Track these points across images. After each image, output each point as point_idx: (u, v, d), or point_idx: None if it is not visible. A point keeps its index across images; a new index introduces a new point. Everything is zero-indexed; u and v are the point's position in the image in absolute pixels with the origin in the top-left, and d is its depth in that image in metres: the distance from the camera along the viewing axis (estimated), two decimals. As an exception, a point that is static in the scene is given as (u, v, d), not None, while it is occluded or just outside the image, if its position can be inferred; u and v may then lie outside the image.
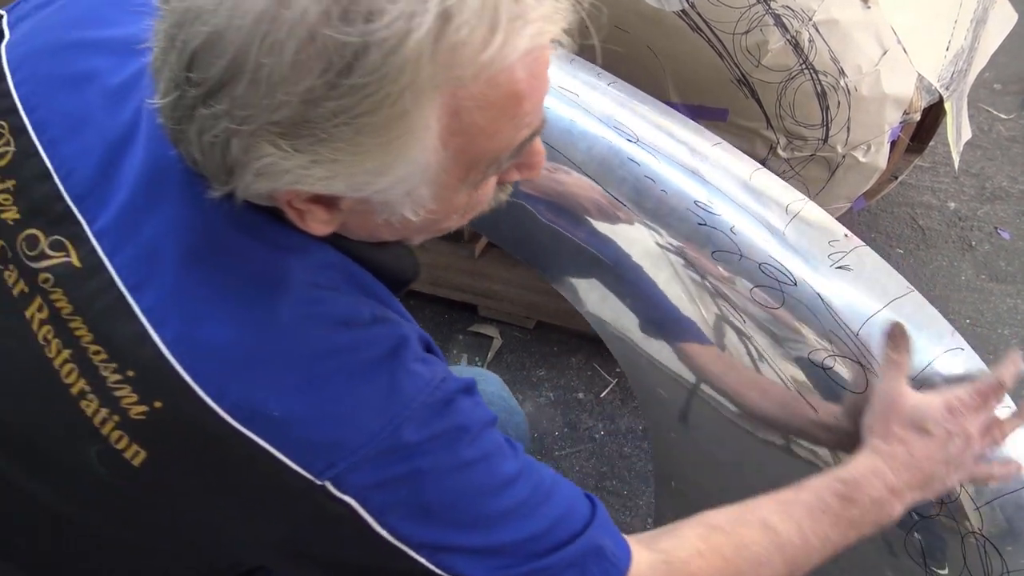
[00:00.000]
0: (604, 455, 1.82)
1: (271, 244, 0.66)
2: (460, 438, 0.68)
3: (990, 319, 2.16)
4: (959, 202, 2.52)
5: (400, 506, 0.66)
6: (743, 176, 1.04)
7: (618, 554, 0.74)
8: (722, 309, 1.00)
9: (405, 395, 0.66)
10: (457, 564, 0.68)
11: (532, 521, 0.70)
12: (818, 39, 1.24)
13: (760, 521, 0.81)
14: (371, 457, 0.64)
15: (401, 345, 0.67)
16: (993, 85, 3.00)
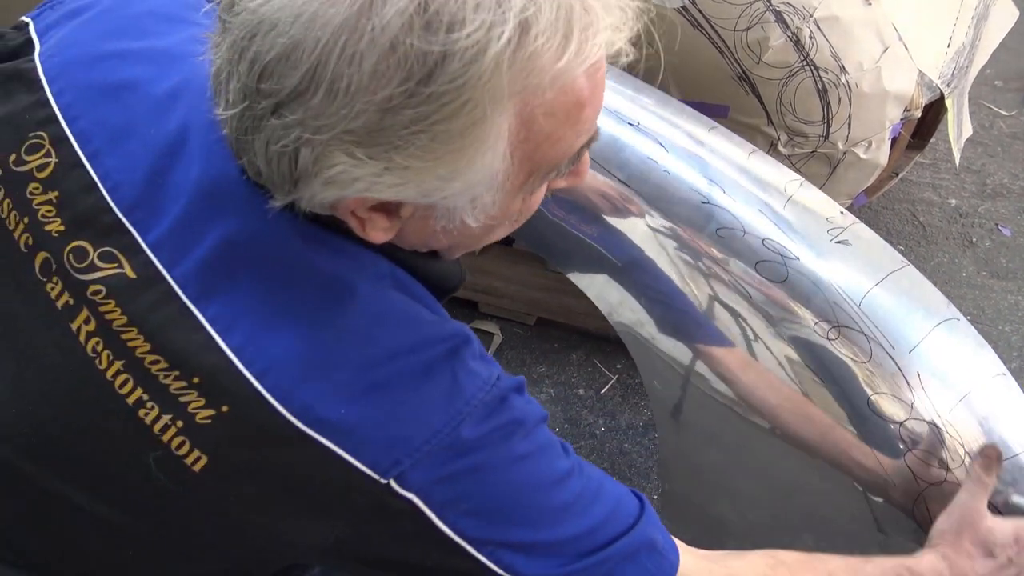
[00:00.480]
0: (604, 451, 1.82)
1: (332, 254, 0.67)
2: (515, 432, 0.68)
3: (991, 315, 2.16)
4: (960, 199, 2.52)
5: (461, 501, 0.66)
6: (740, 158, 1.06)
7: (668, 548, 0.75)
8: (715, 290, 1.01)
9: (466, 392, 0.66)
10: (516, 562, 0.68)
11: (586, 517, 0.71)
12: (819, 36, 1.24)
13: (826, 572, 0.82)
14: (433, 453, 0.65)
15: (462, 344, 0.68)
16: (994, 82, 2.99)
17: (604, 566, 0.71)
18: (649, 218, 1.03)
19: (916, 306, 0.98)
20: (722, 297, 1.02)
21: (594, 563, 0.70)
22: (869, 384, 0.95)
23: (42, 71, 0.72)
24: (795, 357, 0.99)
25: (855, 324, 0.95)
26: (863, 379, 0.95)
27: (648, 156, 1.04)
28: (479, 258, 1.95)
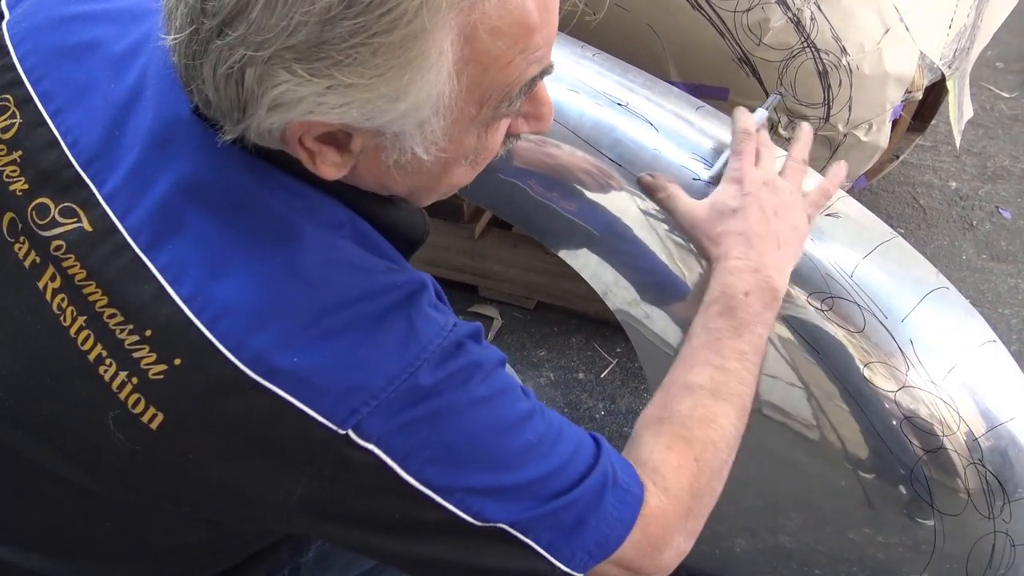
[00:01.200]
0: (605, 435, 1.81)
1: (284, 196, 0.66)
2: (474, 375, 0.68)
3: (991, 298, 2.16)
4: (960, 181, 2.51)
5: (423, 449, 0.66)
6: (727, 137, 1.06)
7: (630, 481, 0.76)
8: (706, 270, 1.01)
9: (422, 339, 0.66)
10: (485, 508, 0.68)
11: (551, 458, 0.71)
12: (820, 17, 1.23)
13: (684, 388, 0.84)
14: (391, 401, 0.64)
15: (418, 290, 0.68)
16: (995, 63, 2.98)
17: (573, 508, 0.71)
18: (639, 200, 1.03)
19: (906, 276, 0.99)
20: None
21: (563, 505, 0.71)
22: (862, 357, 0.96)
23: (8, 37, 0.73)
24: (787, 336, 0.99)
25: (848, 295, 0.96)
26: (856, 353, 0.96)
27: (638, 136, 1.05)
28: (479, 242, 1.95)
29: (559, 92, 1.07)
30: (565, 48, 1.14)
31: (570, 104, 1.06)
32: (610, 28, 1.27)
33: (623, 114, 1.07)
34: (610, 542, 0.74)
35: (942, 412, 0.94)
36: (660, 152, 1.04)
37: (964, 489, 0.95)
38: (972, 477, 0.94)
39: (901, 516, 1.00)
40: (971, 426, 0.94)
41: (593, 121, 1.06)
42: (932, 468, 0.95)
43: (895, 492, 0.98)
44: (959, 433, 0.94)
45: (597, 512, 0.73)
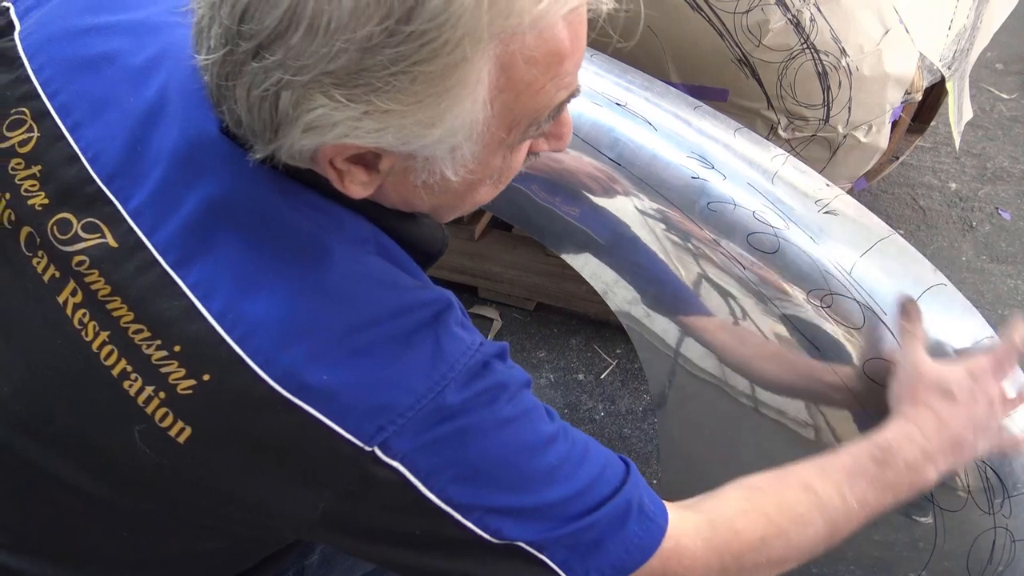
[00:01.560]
0: (604, 436, 1.82)
1: (311, 213, 0.67)
2: (500, 396, 0.68)
3: (990, 299, 2.16)
4: (960, 182, 2.51)
5: (446, 468, 0.66)
6: (726, 136, 1.07)
7: (656, 511, 0.74)
8: (704, 269, 1.01)
9: (449, 358, 0.66)
10: (504, 527, 0.68)
11: (574, 480, 0.71)
12: (819, 18, 1.23)
13: (800, 483, 0.82)
14: (418, 420, 0.64)
15: (445, 309, 0.68)
16: (995, 65, 2.98)
17: (593, 530, 0.71)
18: (637, 200, 1.03)
19: (904, 273, 1.00)
20: (711, 276, 1.02)
21: (583, 527, 0.70)
22: (861, 354, 0.96)
23: (22, 49, 0.72)
24: (785, 334, 0.99)
25: (847, 292, 0.96)
26: (854, 351, 0.96)
27: (637, 135, 1.05)
28: (479, 243, 1.95)
29: None
30: None
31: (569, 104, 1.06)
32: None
33: (622, 114, 1.07)
34: (626, 567, 0.73)
35: None
36: (658, 152, 1.04)
37: (964, 485, 0.95)
38: (972, 473, 0.94)
39: (898, 514, 1.00)
40: None
41: (592, 121, 1.06)
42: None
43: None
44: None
45: (618, 535, 0.72)
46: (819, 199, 1.04)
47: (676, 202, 1.03)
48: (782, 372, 1.03)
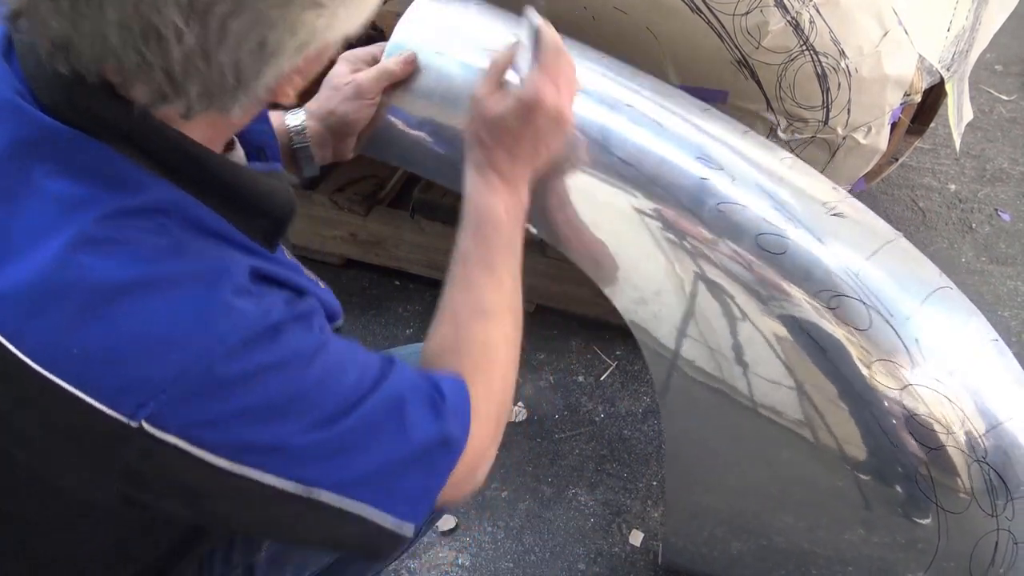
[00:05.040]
0: (604, 438, 1.82)
1: (76, 172, 0.65)
2: (278, 364, 0.67)
3: (990, 301, 2.16)
4: (960, 184, 2.51)
5: (221, 429, 0.65)
6: (734, 138, 1.08)
7: (460, 435, 0.79)
8: (702, 268, 1.01)
9: (219, 329, 0.64)
10: (302, 472, 0.68)
11: (368, 421, 0.72)
12: (819, 20, 1.23)
13: (472, 313, 0.89)
14: (184, 391, 0.63)
15: (217, 278, 0.66)
16: (994, 66, 2.98)
17: (401, 467, 0.73)
18: (634, 199, 1.03)
19: (910, 276, 1.00)
20: (709, 275, 1.02)
21: (388, 466, 0.73)
22: (862, 356, 0.96)
23: None
24: (784, 334, 1.00)
25: (854, 293, 0.97)
26: (855, 352, 0.96)
27: (646, 137, 1.05)
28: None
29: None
30: (572, 52, 1.14)
31: (577, 108, 1.06)
32: (609, 31, 1.27)
33: (630, 116, 1.07)
34: (432, 490, 0.76)
35: (945, 410, 0.94)
36: (667, 154, 1.05)
37: (967, 487, 0.95)
38: (975, 475, 0.95)
39: (898, 516, 1.00)
40: (974, 424, 0.94)
41: (600, 124, 1.06)
42: (935, 467, 0.95)
43: (892, 492, 0.99)
44: (962, 432, 0.94)
45: (423, 468, 0.75)
46: (826, 201, 1.04)
47: (686, 203, 1.03)
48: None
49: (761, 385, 1.01)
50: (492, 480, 1.74)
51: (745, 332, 1.01)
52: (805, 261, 0.99)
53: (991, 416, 0.95)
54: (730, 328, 1.02)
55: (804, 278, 0.98)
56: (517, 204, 0.96)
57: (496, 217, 0.93)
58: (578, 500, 1.70)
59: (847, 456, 1.00)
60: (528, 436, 1.82)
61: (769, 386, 1.01)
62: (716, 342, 1.04)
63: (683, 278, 1.03)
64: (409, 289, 2.13)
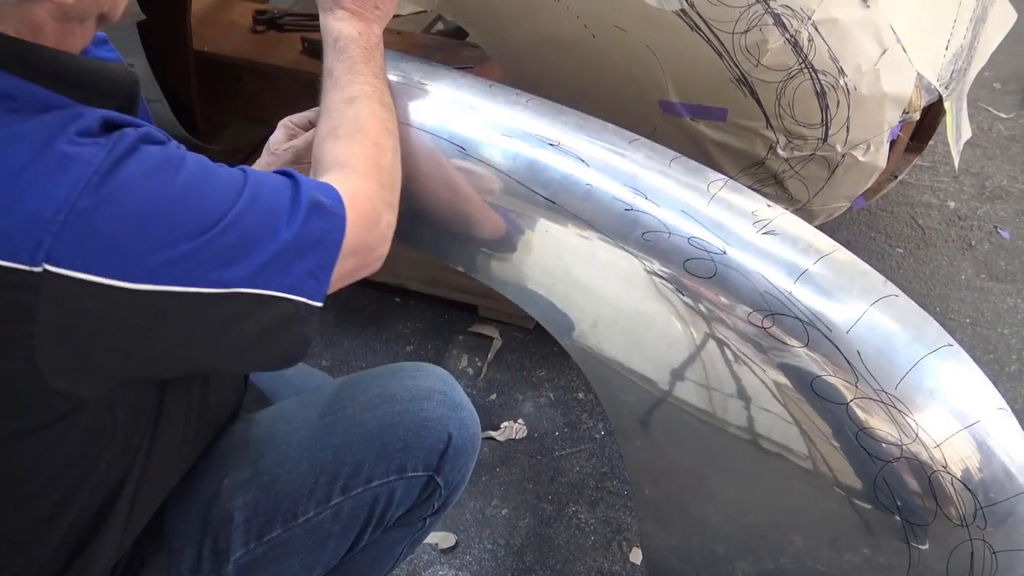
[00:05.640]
0: (604, 455, 1.81)
1: None
2: (159, 173, 0.75)
3: (990, 318, 2.16)
4: (959, 201, 2.52)
5: (130, 252, 0.71)
6: (661, 166, 1.09)
7: (329, 197, 0.87)
8: (637, 295, 1.04)
9: (81, 161, 0.71)
10: (207, 273, 0.75)
11: (250, 215, 0.80)
12: (817, 38, 1.24)
13: (342, 101, 1.01)
14: (71, 228, 0.68)
15: (68, 121, 0.73)
16: (993, 84, 3.00)
17: (292, 247, 0.81)
18: (565, 230, 1.07)
19: (851, 285, 1.00)
20: (645, 305, 1.05)
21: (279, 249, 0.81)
22: (802, 375, 0.96)
23: None
24: (729, 357, 1.01)
25: (788, 310, 0.96)
26: (796, 373, 0.96)
27: (570, 173, 1.08)
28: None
29: (495, 137, 1.12)
30: (500, 96, 1.18)
31: (506, 147, 1.11)
32: (609, 49, 1.28)
33: (555, 152, 1.10)
34: (328, 260, 0.85)
35: (895, 422, 0.93)
36: (593, 184, 1.07)
37: (931, 497, 0.94)
38: (937, 484, 0.93)
39: (865, 533, 0.99)
40: (930, 433, 0.93)
41: (527, 161, 1.09)
42: (894, 478, 0.94)
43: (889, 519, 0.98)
44: (916, 443, 0.93)
45: (316, 236, 0.83)
46: (758, 220, 1.04)
47: (611, 234, 1.04)
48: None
49: (708, 395, 1.02)
50: (492, 497, 1.73)
51: (690, 352, 1.02)
52: (735, 283, 0.99)
53: (949, 423, 0.94)
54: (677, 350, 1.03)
55: (736, 299, 0.98)
56: (367, 29, 1.08)
57: (348, 35, 1.06)
58: (579, 518, 1.70)
59: (818, 472, 0.99)
60: (528, 453, 1.82)
61: (717, 399, 1.02)
62: (659, 363, 1.05)
63: (619, 308, 1.05)
64: (410, 306, 2.13)
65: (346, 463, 1.06)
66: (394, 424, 1.07)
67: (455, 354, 2.01)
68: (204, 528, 1.02)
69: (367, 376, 1.16)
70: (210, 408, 1.05)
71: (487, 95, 1.18)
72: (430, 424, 1.08)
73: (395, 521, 1.11)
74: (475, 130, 1.14)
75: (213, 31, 2.31)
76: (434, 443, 1.08)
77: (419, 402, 1.09)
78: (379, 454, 1.06)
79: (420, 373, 1.14)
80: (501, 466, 1.79)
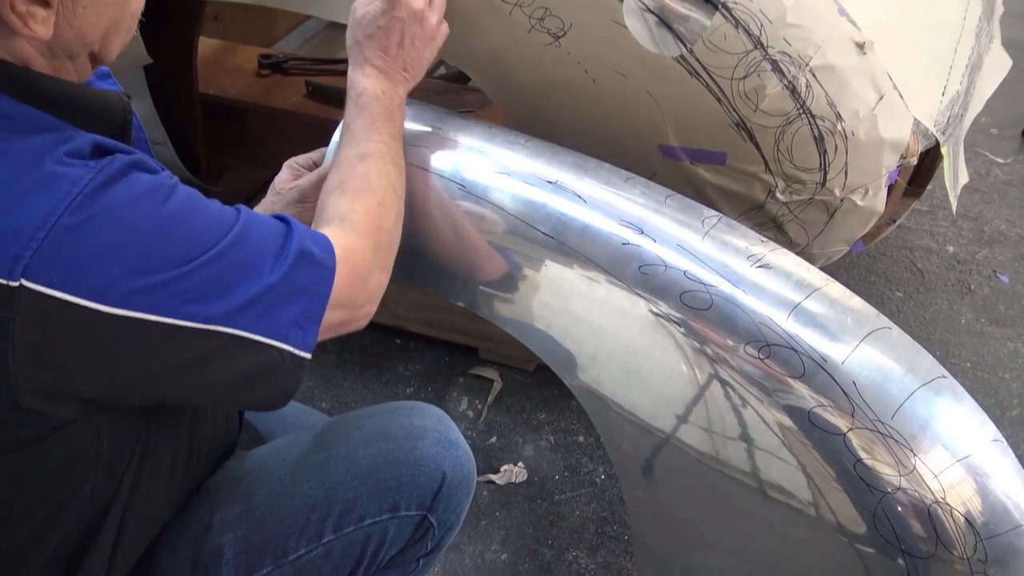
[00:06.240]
0: (605, 499, 1.80)
1: None
2: (146, 199, 0.75)
3: (991, 363, 2.15)
4: (958, 246, 2.53)
5: (111, 276, 0.71)
6: (657, 202, 1.12)
7: (324, 254, 0.87)
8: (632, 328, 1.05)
9: (67, 180, 0.71)
10: (185, 306, 0.74)
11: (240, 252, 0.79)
12: (815, 84, 1.25)
13: (356, 157, 1.02)
14: (51, 245, 0.69)
15: (58, 142, 0.73)
16: (990, 130, 3.02)
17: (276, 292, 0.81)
18: (567, 269, 1.09)
19: (844, 318, 1.01)
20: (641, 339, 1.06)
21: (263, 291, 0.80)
22: (800, 404, 0.96)
23: None
24: (720, 388, 1.01)
25: (783, 341, 0.97)
26: (793, 401, 0.97)
27: (568, 209, 1.11)
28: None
29: (496, 177, 1.15)
30: (498, 136, 1.21)
31: (503, 186, 1.14)
32: (609, 94, 1.29)
33: (553, 191, 1.13)
34: (315, 312, 0.84)
35: (894, 451, 0.93)
36: (589, 223, 1.09)
37: (930, 529, 0.93)
38: (936, 517, 0.93)
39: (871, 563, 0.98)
40: (928, 464, 0.93)
41: (525, 200, 1.12)
42: (893, 510, 0.94)
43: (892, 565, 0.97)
44: (914, 473, 0.93)
45: (302, 284, 0.83)
46: (752, 254, 1.06)
47: (609, 268, 1.06)
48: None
49: (707, 436, 1.02)
50: (491, 542, 1.72)
51: (688, 389, 1.03)
52: (730, 314, 1.00)
53: (946, 454, 0.94)
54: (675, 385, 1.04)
55: (731, 331, 0.99)
56: (392, 90, 1.10)
57: (373, 92, 1.08)
58: (579, 563, 1.68)
59: (819, 507, 0.99)
60: (528, 497, 1.81)
61: (717, 439, 1.02)
62: (657, 400, 1.05)
63: (616, 341, 1.06)
64: (410, 348, 2.13)
65: (338, 501, 1.05)
66: (388, 462, 1.07)
67: (455, 396, 2.01)
68: (194, 562, 1.01)
69: (362, 414, 1.16)
70: (201, 441, 1.05)
71: (487, 137, 1.21)
72: (424, 462, 1.08)
73: (388, 561, 1.10)
74: (476, 170, 1.16)
75: (219, 75, 2.34)
76: (428, 482, 1.08)
77: (413, 440, 1.09)
78: (372, 492, 1.06)
79: (415, 411, 1.14)
80: (501, 510, 1.78)
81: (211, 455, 1.09)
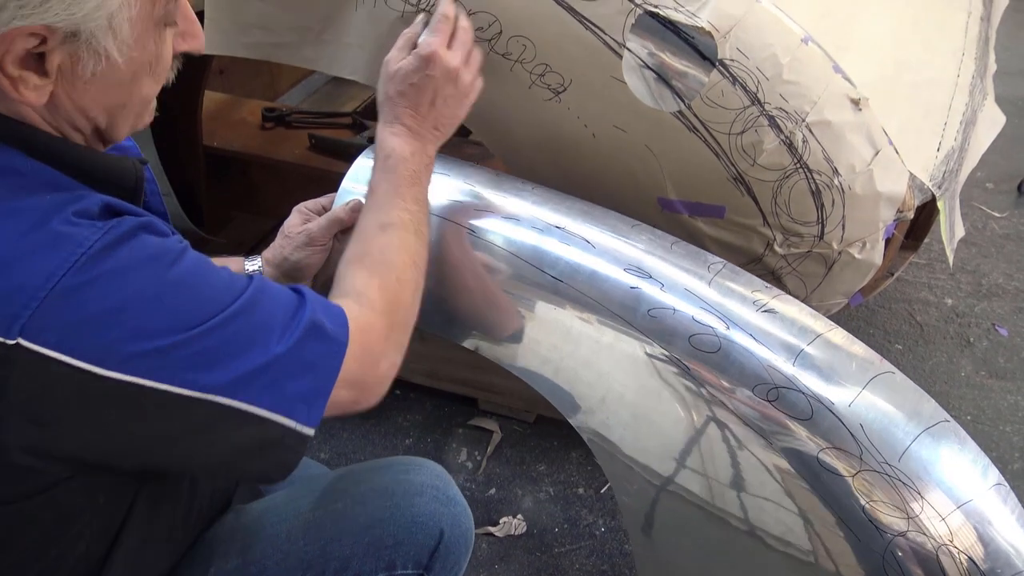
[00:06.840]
0: (605, 552, 1.79)
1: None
2: (152, 263, 0.74)
3: (991, 416, 2.15)
4: (956, 298, 2.53)
5: (109, 341, 0.70)
6: (663, 249, 1.14)
7: (336, 328, 0.84)
8: (641, 373, 1.06)
9: (73, 241, 0.70)
10: (187, 374, 0.73)
11: (249, 321, 0.77)
12: (811, 140, 1.27)
13: (377, 227, 1.01)
14: (51, 305, 0.68)
15: (68, 202, 0.73)
16: (986, 184, 3.05)
17: (284, 365, 0.78)
18: (574, 312, 1.11)
19: (848, 362, 1.02)
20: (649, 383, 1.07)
21: (272, 363, 0.77)
22: (809, 447, 0.97)
23: None
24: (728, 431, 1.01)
25: (792, 384, 0.98)
26: (801, 444, 0.97)
27: (576, 255, 1.13)
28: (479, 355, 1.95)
29: (500, 225, 1.17)
30: (506, 184, 1.24)
31: (512, 233, 1.16)
32: (609, 148, 1.31)
33: (561, 237, 1.15)
34: (323, 389, 0.81)
35: (902, 494, 0.93)
36: (597, 268, 1.11)
37: (939, 572, 0.92)
38: (945, 560, 0.92)
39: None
40: (935, 507, 0.93)
41: (533, 245, 1.14)
42: (901, 553, 0.93)
43: None
44: (922, 516, 0.93)
45: (314, 348, 0.80)
46: (756, 300, 1.07)
47: (617, 311, 1.08)
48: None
49: (712, 484, 1.02)
50: (490, 595, 1.70)
51: (694, 434, 1.03)
52: (739, 357, 1.02)
53: (953, 497, 0.94)
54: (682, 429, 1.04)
55: (740, 374, 1.00)
56: (421, 150, 1.08)
57: (400, 154, 1.06)
58: (578, 617, 1.66)
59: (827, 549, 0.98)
60: (527, 550, 1.79)
61: (719, 487, 1.02)
62: (664, 444, 1.05)
63: (625, 385, 1.07)
64: (410, 399, 2.12)
65: (334, 558, 1.04)
66: (384, 520, 1.06)
67: (454, 448, 2.00)
68: None
69: (360, 469, 1.15)
70: (201, 497, 1.04)
71: (494, 184, 1.23)
72: (421, 520, 1.07)
73: None
74: (484, 218, 1.18)
75: (223, 128, 2.37)
76: (425, 540, 1.07)
77: (411, 497, 1.08)
78: (367, 550, 1.05)
79: (413, 467, 1.13)
80: (500, 563, 1.76)
81: (209, 510, 1.08)
